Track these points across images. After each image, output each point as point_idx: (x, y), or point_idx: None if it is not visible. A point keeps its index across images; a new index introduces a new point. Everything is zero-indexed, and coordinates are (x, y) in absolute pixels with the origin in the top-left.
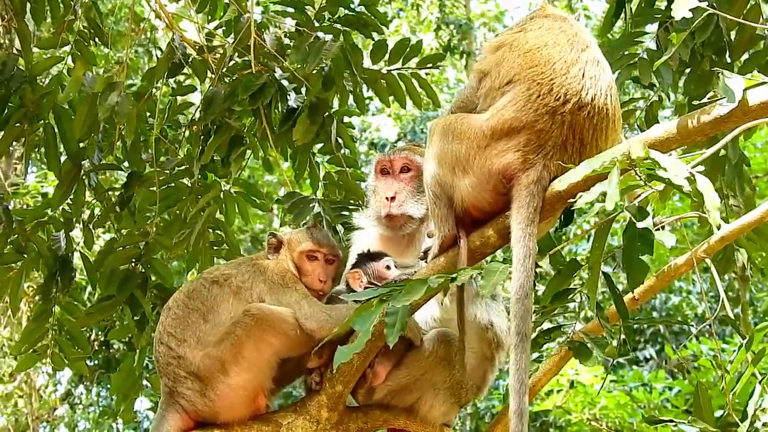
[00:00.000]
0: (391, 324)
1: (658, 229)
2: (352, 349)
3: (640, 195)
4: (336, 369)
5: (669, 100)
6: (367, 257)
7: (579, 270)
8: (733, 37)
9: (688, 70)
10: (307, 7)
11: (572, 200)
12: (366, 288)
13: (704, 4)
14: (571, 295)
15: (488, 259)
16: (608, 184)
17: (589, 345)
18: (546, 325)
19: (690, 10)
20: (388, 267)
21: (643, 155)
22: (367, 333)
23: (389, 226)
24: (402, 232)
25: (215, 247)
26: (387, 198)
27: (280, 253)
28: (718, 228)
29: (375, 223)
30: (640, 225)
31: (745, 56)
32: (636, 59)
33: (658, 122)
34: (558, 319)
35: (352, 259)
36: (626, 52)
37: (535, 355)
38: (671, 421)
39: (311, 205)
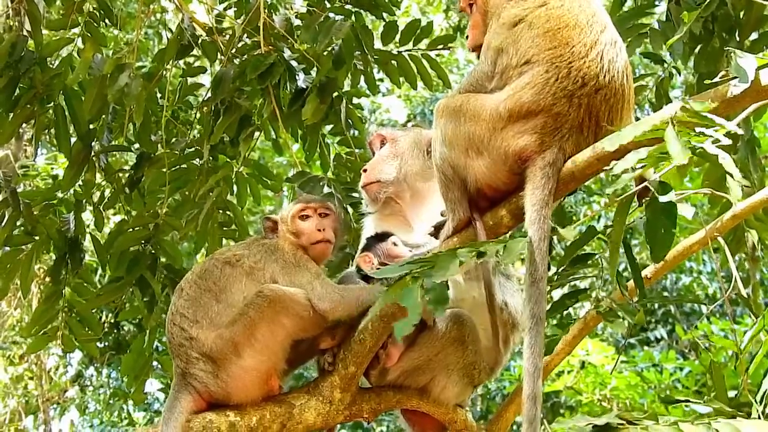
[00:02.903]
0: (435, 299)
1: None
2: (410, 322)
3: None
4: (349, 350)
5: (680, 74)
6: (374, 239)
7: (595, 236)
8: (741, 16)
9: (698, 48)
10: None
11: (607, 168)
12: (378, 269)
13: None
14: (590, 260)
15: None
16: (669, 143)
17: (618, 312)
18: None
19: None
20: (395, 244)
21: (698, 110)
22: (418, 307)
23: (369, 198)
24: (381, 197)
25: (224, 228)
26: (362, 172)
27: (279, 232)
28: (740, 201)
29: (367, 202)
30: (662, 199)
31: (754, 36)
32: (647, 29)
33: (669, 99)
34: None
35: (362, 244)
36: (637, 22)
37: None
38: (687, 401)
39: (321, 184)
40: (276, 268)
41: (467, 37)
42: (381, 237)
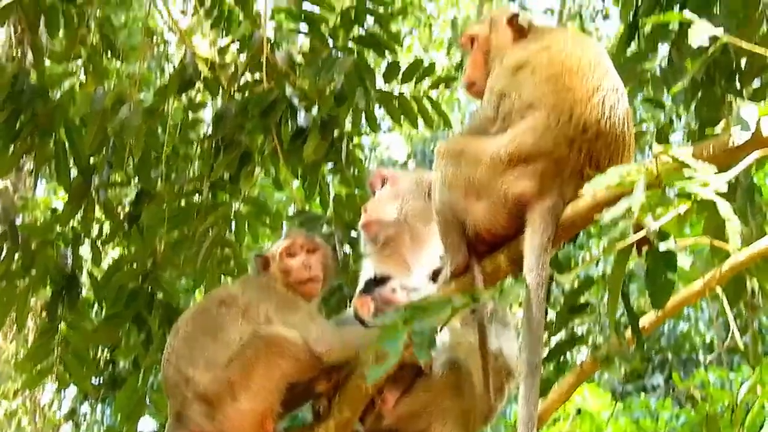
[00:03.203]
0: (420, 343)
1: None
2: (384, 368)
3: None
4: (344, 393)
5: (680, 119)
6: (373, 283)
7: (591, 286)
8: (743, 62)
9: (700, 93)
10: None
11: (598, 215)
12: (374, 314)
13: (719, 31)
14: (587, 308)
15: None
16: (634, 192)
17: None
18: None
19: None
20: (393, 290)
21: (669, 159)
22: (397, 353)
23: (368, 237)
24: (380, 237)
25: (223, 265)
26: (364, 211)
27: (271, 269)
28: (739, 250)
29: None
30: (662, 247)
31: (756, 83)
32: (648, 75)
33: (670, 145)
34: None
35: (360, 286)
36: (638, 67)
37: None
38: None
39: (321, 223)
40: (270, 308)
41: (464, 71)
42: (380, 281)
